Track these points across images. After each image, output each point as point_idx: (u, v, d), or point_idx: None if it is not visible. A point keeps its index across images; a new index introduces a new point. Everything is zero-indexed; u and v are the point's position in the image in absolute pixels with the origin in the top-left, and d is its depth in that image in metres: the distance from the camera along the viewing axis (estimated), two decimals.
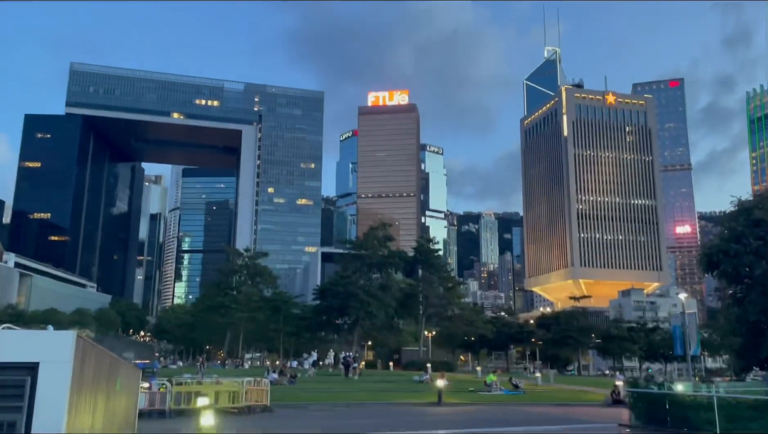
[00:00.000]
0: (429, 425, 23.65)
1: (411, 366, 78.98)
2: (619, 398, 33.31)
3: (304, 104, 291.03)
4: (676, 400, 21.16)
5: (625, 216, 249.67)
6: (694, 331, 38.74)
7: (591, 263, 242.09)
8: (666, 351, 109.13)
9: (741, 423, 18.90)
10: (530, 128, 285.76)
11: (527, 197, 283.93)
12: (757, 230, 19.19)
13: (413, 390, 42.61)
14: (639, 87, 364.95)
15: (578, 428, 23.21)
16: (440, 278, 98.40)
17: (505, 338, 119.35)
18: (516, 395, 41.38)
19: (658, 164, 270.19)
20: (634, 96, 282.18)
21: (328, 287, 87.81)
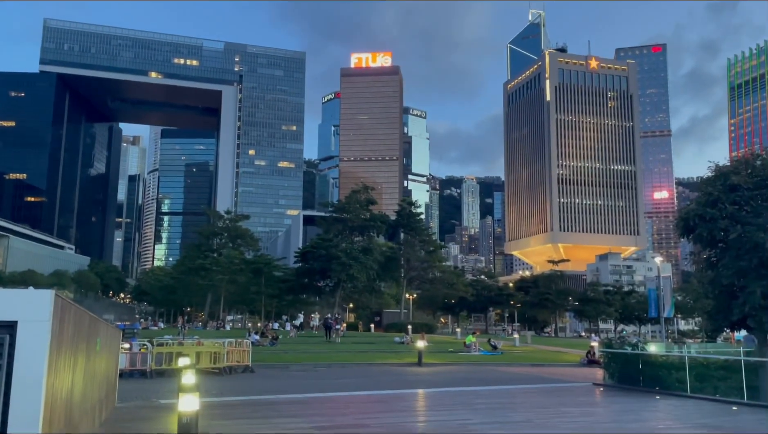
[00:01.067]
0: (409, 385, 24.10)
1: (392, 327, 79.99)
2: (594, 358, 34.20)
3: (285, 65, 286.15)
4: (648, 360, 21.75)
5: (605, 181, 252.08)
6: (668, 294, 39.65)
7: (570, 227, 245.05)
8: (641, 314, 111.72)
9: (710, 383, 19.53)
10: (513, 93, 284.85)
11: (509, 161, 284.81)
12: (733, 195, 19.45)
13: (394, 351, 43.25)
14: (622, 52, 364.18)
15: (554, 386, 23.80)
16: (422, 241, 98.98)
17: (485, 300, 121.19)
18: (494, 356, 42.23)
19: (639, 130, 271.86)
20: (616, 61, 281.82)
21: (310, 249, 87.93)
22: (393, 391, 21.20)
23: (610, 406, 18.55)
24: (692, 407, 17.52)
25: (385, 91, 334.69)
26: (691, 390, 19.33)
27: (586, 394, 21.25)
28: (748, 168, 20.23)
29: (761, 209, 18.94)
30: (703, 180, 21.56)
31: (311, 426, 13.36)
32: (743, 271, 18.98)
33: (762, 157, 20.95)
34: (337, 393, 20.07)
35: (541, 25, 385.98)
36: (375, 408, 17.17)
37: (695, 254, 22.04)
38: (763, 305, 18.39)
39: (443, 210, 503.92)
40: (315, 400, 18.22)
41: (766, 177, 19.56)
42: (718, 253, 20.31)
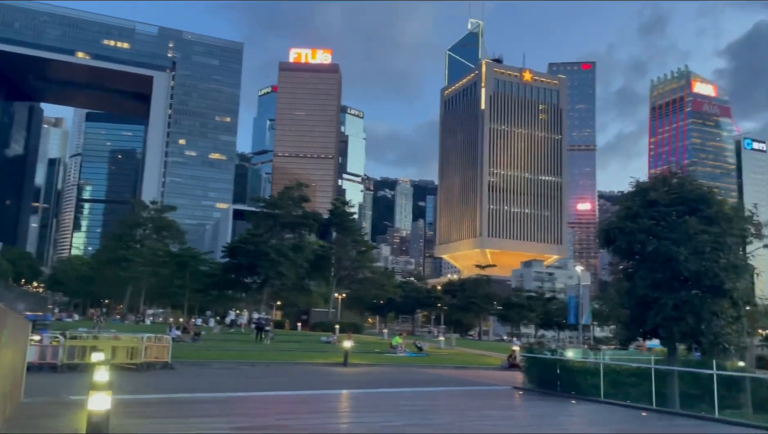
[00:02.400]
0: (334, 385, 23.94)
1: (319, 326, 79.46)
2: (515, 362, 35.09)
3: (222, 54, 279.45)
4: (566, 366, 22.50)
5: (532, 191, 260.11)
6: (587, 302, 41.28)
7: (498, 233, 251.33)
8: (560, 320, 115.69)
9: (623, 388, 20.41)
10: (450, 99, 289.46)
11: (443, 166, 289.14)
12: (651, 210, 20.42)
13: (320, 350, 42.94)
14: (554, 67, 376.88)
15: (477, 389, 24.25)
16: (354, 241, 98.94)
17: (413, 302, 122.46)
18: (419, 357, 42.63)
19: (566, 143, 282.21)
20: (549, 75, 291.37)
21: (239, 245, 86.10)
22: (317, 391, 20.99)
23: (529, 410, 19.05)
24: (605, 412, 18.23)
25: (324, 88, 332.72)
26: (605, 396, 20.12)
27: (507, 398, 21.75)
28: (665, 185, 21.31)
29: (676, 224, 19.96)
30: (624, 195, 22.55)
31: (230, 426, 13.00)
32: (657, 283, 19.95)
33: (678, 175, 22.12)
34: (260, 393, 19.68)
35: (480, 35, 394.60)
36: (298, 408, 16.93)
37: (613, 265, 23.01)
38: (674, 316, 19.39)
39: (376, 211, 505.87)
40: (236, 400, 17.77)
41: (681, 194, 20.65)
42: (635, 265, 21.26)
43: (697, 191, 20.73)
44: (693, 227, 19.27)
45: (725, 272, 19.10)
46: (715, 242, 19.20)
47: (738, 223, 20.64)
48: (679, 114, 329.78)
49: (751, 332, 44.40)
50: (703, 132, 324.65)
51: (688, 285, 19.81)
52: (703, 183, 22.59)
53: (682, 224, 19.70)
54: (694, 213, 20.04)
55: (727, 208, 21.02)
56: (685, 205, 20.34)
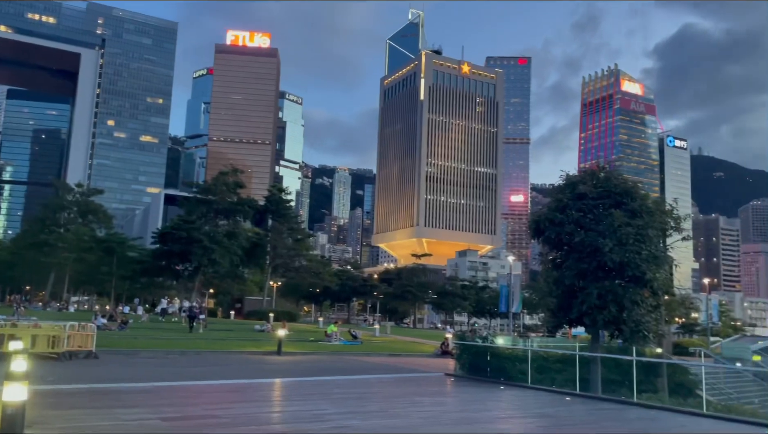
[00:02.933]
0: (266, 374, 23.68)
1: (253, 315, 78.45)
2: (448, 349, 35.75)
3: (155, 33, 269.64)
4: (496, 353, 23.09)
5: (468, 182, 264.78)
6: (517, 291, 42.46)
7: (434, 223, 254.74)
8: (492, 308, 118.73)
9: (549, 374, 21.13)
10: (389, 88, 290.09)
11: (381, 155, 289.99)
12: (579, 203, 21.12)
13: (253, 339, 42.39)
14: (492, 61, 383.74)
15: (409, 376, 24.54)
16: (290, 229, 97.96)
17: (349, 290, 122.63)
18: (354, 345, 42.77)
19: (502, 136, 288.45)
20: (486, 69, 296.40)
21: (170, 231, 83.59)
22: (249, 380, 20.71)
23: (459, 396, 19.44)
24: (532, 397, 18.83)
25: (262, 72, 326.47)
26: (532, 382, 20.78)
27: (439, 384, 22.12)
28: (593, 179, 22.08)
29: (602, 216, 20.74)
30: (555, 187, 23.22)
31: (157, 416, 12.62)
32: (583, 273, 20.70)
33: (606, 170, 22.97)
34: (189, 382, 19.23)
35: (420, 26, 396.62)
36: (228, 397, 16.64)
37: (543, 255, 23.69)
38: (599, 304, 20.19)
39: (314, 199, 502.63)
40: (164, 389, 17.29)
41: (608, 188, 21.45)
42: (563, 255, 21.97)
43: (623, 186, 21.57)
44: (618, 220, 20.06)
45: (646, 263, 20.01)
46: (638, 235, 20.07)
47: (659, 216, 21.63)
48: (608, 111, 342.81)
49: (668, 320, 46.91)
50: (629, 129, 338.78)
51: (612, 275, 20.63)
52: (628, 178, 23.53)
53: (607, 217, 20.47)
54: (619, 206, 20.86)
55: (650, 202, 21.99)
56: (611, 198, 21.14)
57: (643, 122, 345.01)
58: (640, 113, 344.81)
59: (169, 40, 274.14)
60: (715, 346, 60.62)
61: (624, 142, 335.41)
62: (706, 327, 71.73)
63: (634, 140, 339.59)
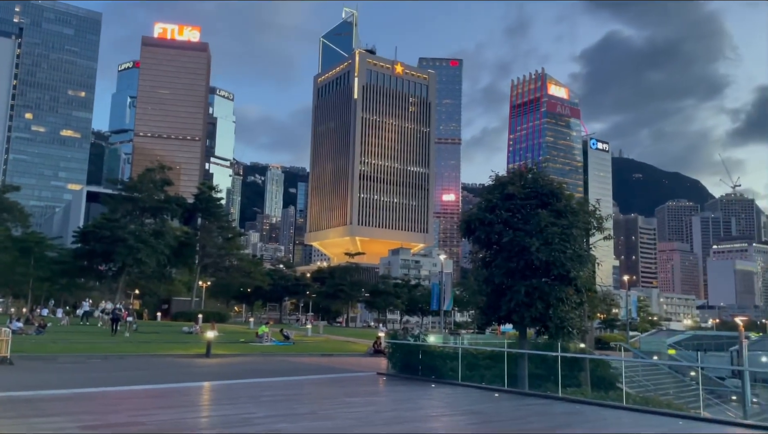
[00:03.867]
0: (194, 377, 23.03)
1: (181, 316, 76.27)
2: (380, 348, 35.90)
3: (77, 24, 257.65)
4: (427, 351, 23.35)
5: (402, 181, 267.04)
6: (448, 289, 43.13)
7: (368, 222, 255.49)
8: (424, 306, 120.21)
9: (479, 371, 21.56)
10: (323, 86, 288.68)
11: (315, 153, 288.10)
12: (508, 203, 21.64)
13: (181, 341, 41.19)
14: (424, 62, 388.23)
15: (341, 376, 24.47)
16: (220, 227, 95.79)
17: (281, 290, 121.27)
18: (286, 346, 42.30)
19: (434, 136, 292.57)
20: (419, 69, 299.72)
21: (92, 230, 79.98)
22: (176, 385, 20.07)
23: (390, 395, 19.54)
24: (462, 394, 19.15)
25: (191, 67, 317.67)
26: (463, 379, 21.14)
27: (370, 384, 22.16)
28: (521, 180, 22.68)
29: (529, 216, 21.34)
30: (484, 188, 23.71)
31: (77, 425, 12.02)
32: (512, 271, 21.23)
33: (533, 171, 23.64)
34: (112, 388, 18.44)
35: (354, 25, 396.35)
36: (153, 403, 16.07)
37: (474, 254, 24.13)
38: (526, 302, 20.75)
39: (246, 197, 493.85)
40: (84, 396, 16.51)
41: (535, 189, 22.09)
42: (493, 254, 22.46)
43: (549, 186, 22.26)
44: (544, 220, 20.69)
45: (571, 261, 20.71)
46: (563, 234, 20.75)
47: (583, 216, 22.46)
48: (535, 114, 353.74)
49: (591, 316, 48.84)
50: (556, 131, 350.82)
51: (539, 274, 21.23)
52: (554, 179, 24.29)
53: (534, 217, 21.07)
54: (545, 207, 21.52)
55: (574, 202, 22.81)
56: (538, 199, 21.78)
57: (568, 125, 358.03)
58: (566, 116, 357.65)
59: (93, 31, 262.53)
60: (634, 340, 63.62)
61: (550, 144, 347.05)
62: (626, 322, 75.30)
63: (560, 142, 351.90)
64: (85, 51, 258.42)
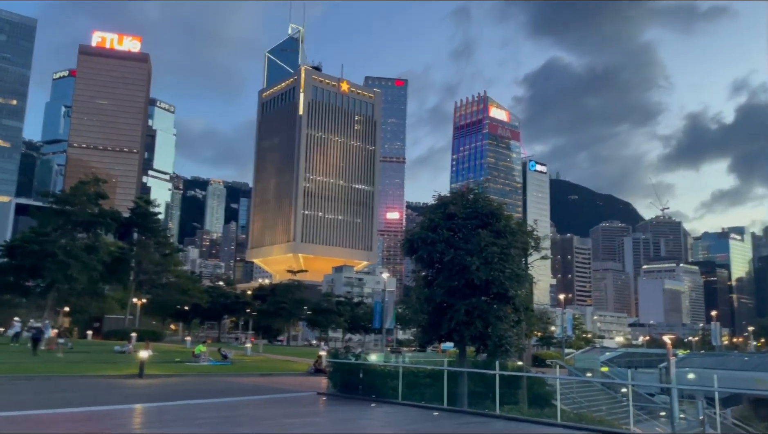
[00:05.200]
0: (126, 399, 22.10)
1: (114, 335, 73.41)
2: (321, 367, 35.50)
3: (10, 29, 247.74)
4: (368, 369, 23.23)
5: (346, 198, 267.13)
6: (391, 307, 43.21)
7: (311, 239, 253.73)
8: (367, 324, 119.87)
9: (419, 390, 21.58)
10: (268, 101, 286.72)
11: (258, 169, 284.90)
12: (450, 223, 21.90)
13: (113, 361, 39.53)
14: (370, 81, 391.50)
15: (281, 397, 24.01)
16: (157, 243, 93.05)
17: (220, 308, 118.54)
18: (224, 365, 41.27)
19: (379, 155, 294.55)
20: (365, 88, 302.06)
21: (20, 244, 76.27)
22: (105, 407, 19.19)
23: (330, 415, 19.29)
24: (402, 413, 19.11)
25: (131, 77, 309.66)
26: (403, 397, 21.10)
27: (311, 404, 21.83)
28: (463, 200, 23.04)
29: (470, 236, 21.66)
30: (428, 207, 23.98)
31: None
32: (453, 290, 21.44)
33: (474, 191, 24.08)
34: (35, 411, 17.46)
35: (300, 41, 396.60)
36: (81, 427, 15.30)
37: (416, 272, 24.26)
38: (466, 320, 20.97)
39: (185, 212, 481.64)
40: (6, 420, 15.57)
41: (476, 209, 22.47)
42: (434, 273, 22.64)
43: (489, 207, 22.69)
44: (484, 239, 21.04)
45: (509, 280, 21.12)
46: (502, 254, 21.15)
47: (521, 236, 22.99)
48: (477, 135, 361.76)
49: (528, 334, 49.84)
50: (497, 153, 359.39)
51: (479, 292, 21.53)
52: (494, 199, 24.79)
53: (475, 236, 21.40)
54: (485, 226, 21.90)
55: (513, 223, 23.32)
56: (479, 219, 22.15)
57: (509, 147, 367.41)
58: (507, 138, 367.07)
59: (27, 38, 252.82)
60: (569, 358, 65.26)
61: (492, 165, 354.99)
62: (562, 339, 77.23)
63: (500, 163, 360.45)
64: (18, 58, 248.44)
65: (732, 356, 68.80)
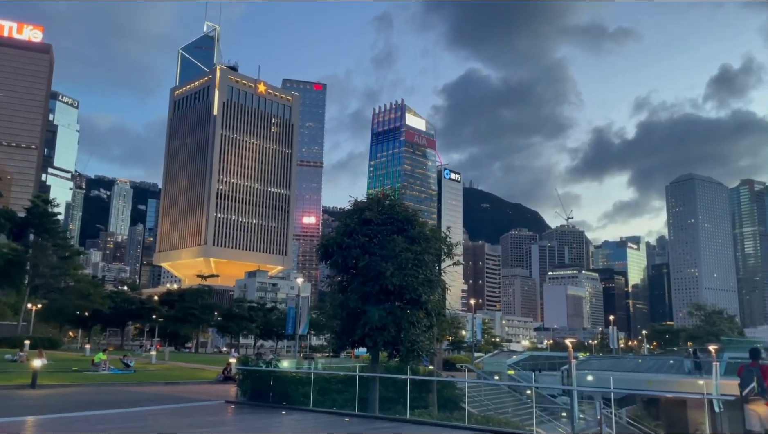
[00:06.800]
0: (15, 411, 20.54)
1: (5, 342, 68.31)
2: (231, 375, 34.57)
3: None
4: (280, 376, 22.84)
5: (262, 202, 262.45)
6: (305, 313, 42.75)
7: (224, 243, 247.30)
8: (280, 330, 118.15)
9: (331, 396, 21.45)
10: (181, 100, 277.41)
11: (169, 169, 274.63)
12: (366, 228, 21.96)
13: (3, 370, 36.75)
14: (288, 83, 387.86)
15: (187, 406, 23.13)
16: (55, 245, 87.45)
17: (124, 314, 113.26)
18: (126, 374, 39.40)
19: (296, 158, 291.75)
20: (283, 90, 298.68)
21: None
22: None
23: (238, 424, 18.78)
24: (312, 421, 18.89)
25: (31, 69, 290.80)
26: (314, 404, 20.88)
27: (218, 413, 21.17)
28: (379, 206, 23.17)
29: (385, 242, 21.81)
30: (344, 212, 23.92)
31: None
32: (367, 296, 21.49)
33: (390, 198, 24.26)
34: None
35: (216, 40, 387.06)
36: None
37: (331, 278, 24.15)
38: (379, 326, 21.07)
39: (88, 212, 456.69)
40: None
41: (391, 215, 22.66)
42: (349, 278, 22.63)
43: (404, 213, 22.95)
44: (399, 245, 21.25)
45: (423, 286, 21.42)
46: (416, 260, 21.44)
47: (435, 243, 23.37)
48: (395, 142, 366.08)
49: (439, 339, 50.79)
50: (413, 160, 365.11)
51: (393, 298, 21.70)
52: (409, 206, 25.11)
53: (390, 242, 21.57)
54: (400, 233, 22.12)
55: (427, 229, 23.67)
56: (394, 225, 22.35)
57: (425, 155, 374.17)
58: (423, 146, 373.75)
59: None
60: (478, 362, 67.04)
61: (408, 172, 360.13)
62: (471, 344, 79.25)
63: (416, 171, 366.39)
64: None
65: (627, 358, 73.10)
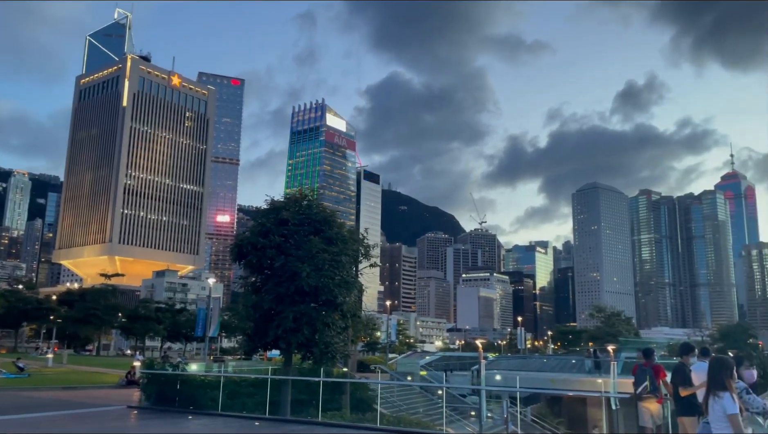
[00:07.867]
0: None
1: None
2: (134, 379, 33.06)
3: None
4: (187, 380, 22.01)
5: (173, 198, 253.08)
6: (216, 314, 41.51)
7: (131, 240, 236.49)
8: (189, 332, 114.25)
9: (241, 399, 20.89)
10: (87, 88, 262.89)
11: (72, 161, 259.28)
12: (282, 229, 21.62)
13: None
14: (204, 77, 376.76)
15: (85, 412, 21.85)
16: None
17: (19, 314, 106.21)
18: (20, 379, 36.84)
19: (211, 154, 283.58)
20: (198, 84, 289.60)
21: None
22: None
23: (140, 430, 17.92)
24: (221, 425, 18.31)
25: None
26: (223, 408, 20.26)
27: (119, 419, 20.12)
28: (296, 206, 22.83)
29: (302, 242, 21.51)
30: (259, 211, 23.38)
31: None
32: (281, 297, 21.10)
33: (308, 198, 23.97)
34: None
35: (127, 27, 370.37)
36: None
37: (245, 278, 23.54)
38: (293, 327, 20.74)
39: None
40: None
41: (309, 215, 22.38)
42: (264, 279, 22.14)
43: (322, 214, 22.74)
44: (316, 246, 21.01)
45: (339, 287, 21.29)
46: (333, 261, 21.28)
47: (352, 244, 23.31)
48: (314, 141, 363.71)
49: (354, 340, 50.83)
50: (332, 161, 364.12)
51: (308, 299, 21.43)
52: (327, 206, 24.91)
53: (307, 243, 21.29)
54: (318, 233, 21.89)
55: (345, 231, 23.57)
56: (311, 225, 22.08)
57: (344, 156, 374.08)
58: (343, 147, 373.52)
59: None
60: (392, 362, 67.60)
61: (327, 172, 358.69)
62: (386, 344, 79.92)
63: (336, 172, 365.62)
64: None
65: (534, 358, 76.08)
